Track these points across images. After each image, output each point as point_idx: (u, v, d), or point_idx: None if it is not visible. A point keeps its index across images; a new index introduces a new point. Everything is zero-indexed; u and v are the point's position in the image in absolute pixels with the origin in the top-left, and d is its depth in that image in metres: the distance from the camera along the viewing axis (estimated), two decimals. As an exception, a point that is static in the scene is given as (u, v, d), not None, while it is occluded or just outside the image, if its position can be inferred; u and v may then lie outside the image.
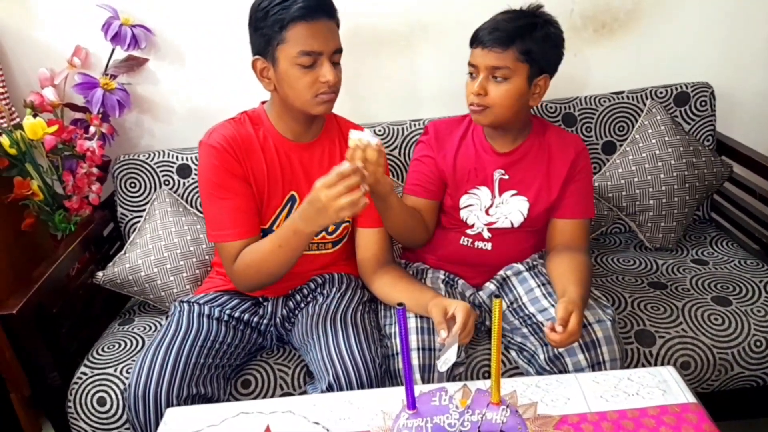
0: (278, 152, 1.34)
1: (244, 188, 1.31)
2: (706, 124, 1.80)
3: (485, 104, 1.28)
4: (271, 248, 1.23)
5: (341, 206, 1.08)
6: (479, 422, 0.86)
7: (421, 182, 1.42)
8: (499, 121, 1.31)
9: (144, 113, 1.87)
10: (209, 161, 1.29)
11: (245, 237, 1.29)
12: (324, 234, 1.38)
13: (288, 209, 1.36)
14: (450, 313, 1.15)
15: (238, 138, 1.31)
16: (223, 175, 1.29)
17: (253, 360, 1.40)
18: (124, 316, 1.66)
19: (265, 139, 1.33)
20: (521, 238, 1.43)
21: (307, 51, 1.20)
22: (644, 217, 1.72)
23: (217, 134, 1.31)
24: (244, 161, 1.30)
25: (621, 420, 0.95)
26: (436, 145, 1.42)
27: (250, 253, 1.27)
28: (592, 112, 1.78)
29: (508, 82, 1.26)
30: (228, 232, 1.29)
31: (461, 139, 1.42)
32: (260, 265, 1.26)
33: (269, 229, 1.36)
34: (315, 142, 1.37)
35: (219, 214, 1.30)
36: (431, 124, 1.46)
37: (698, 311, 1.43)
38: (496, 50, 1.24)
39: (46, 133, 1.59)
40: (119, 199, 1.75)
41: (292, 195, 1.36)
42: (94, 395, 1.37)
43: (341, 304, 1.35)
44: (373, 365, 1.21)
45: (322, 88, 1.23)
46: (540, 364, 1.24)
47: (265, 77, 1.28)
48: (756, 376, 1.40)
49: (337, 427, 0.94)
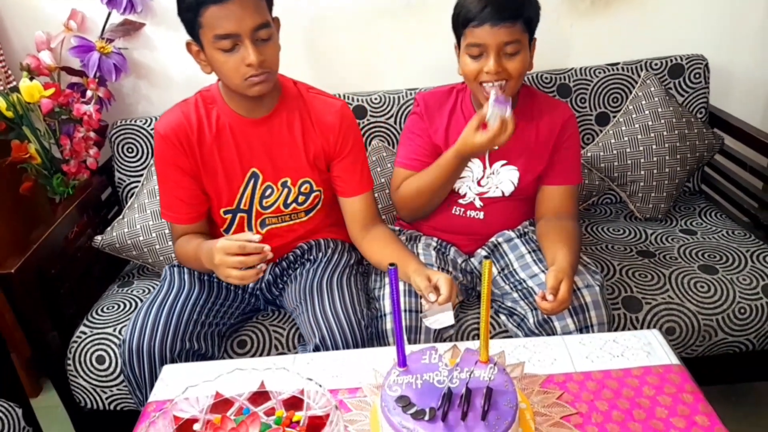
0: (233, 131, 1.30)
1: (185, 180, 1.31)
2: (699, 96, 1.81)
3: (503, 79, 1.26)
4: (194, 255, 1.29)
5: (228, 275, 1.14)
6: (467, 379, 0.89)
7: (418, 155, 1.42)
8: (513, 93, 1.30)
9: (141, 78, 1.87)
10: (156, 147, 1.32)
11: (183, 223, 1.36)
12: (294, 205, 1.39)
13: (252, 187, 1.35)
14: (433, 283, 1.17)
15: (186, 126, 1.28)
16: (164, 164, 1.31)
17: (248, 321, 1.43)
18: (123, 279, 1.69)
19: (218, 118, 1.30)
20: (513, 207, 1.45)
21: (221, 35, 1.14)
22: (635, 187, 1.74)
23: (165, 121, 1.29)
24: (190, 151, 1.29)
25: (605, 380, 0.98)
26: (427, 118, 1.43)
27: (183, 247, 1.35)
28: (587, 83, 1.78)
29: (519, 54, 1.25)
30: (169, 214, 1.36)
31: (451, 113, 1.42)
32: (186, 261, 1.37)
33: (236, 209, 1.37)
34: (271, 116, 1.31)
35: (165, 196, 1.35)
36: (420, 96, 1.46)
37: (685, 279, 1.46)
38: (507, 25, 1.22)
39: (43, 96, 1.59)
40: (117, 164, 1.76)
41: (253, 172, 1.34)
42: (93, 354, 1.40)
43: (328, 268, 1.38)
44: (359, 327, 1.23)
45: (249, 71, 1.16)
46: (529, 327, 1.27)
47: (201, 60, 1.23)
48: (739, 342, 1.44)
49: (329, 384, 0.97)
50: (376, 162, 1.73)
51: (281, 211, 1.38)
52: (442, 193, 1.40)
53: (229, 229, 1.39)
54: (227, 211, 1.37)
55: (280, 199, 1.37)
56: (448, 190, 1.41)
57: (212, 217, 1.40)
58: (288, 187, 1.36)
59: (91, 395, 1.42)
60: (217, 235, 1.41)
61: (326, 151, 1.35)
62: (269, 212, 1.38)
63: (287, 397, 0.95)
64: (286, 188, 1.36)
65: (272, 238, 1.40)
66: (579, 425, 0.89)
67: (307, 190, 1.37)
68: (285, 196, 1.37)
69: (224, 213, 1.37)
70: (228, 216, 1.38)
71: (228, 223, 1.39)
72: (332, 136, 1.33)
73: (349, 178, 1.37)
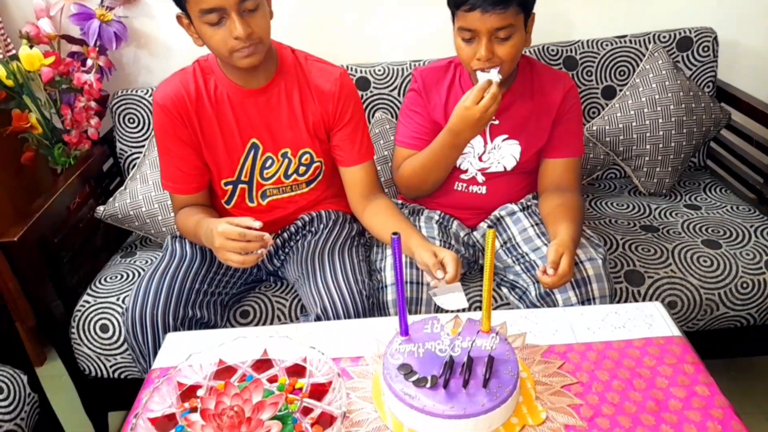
0: (231, 102, 1.28)
1: (185, 151, 1.30)
2: (707, 70, 1.79)
3: (495, 65, 1.23)
4: (193, 231, 1.28)
5: (228, 258, 1.14)
6: (469, 348, 0.89)
7: (418, 133, 1.41)
8: (507, 75, 1.28)
9: (141, 48, 1.85)
10: (155, 117, 1.30)
11: (183, 193, 1.35)
12: (295, 176, 1.38)
13: (252, 158, 1.34)
14: (439, 259, 1.16)
15: (184, 95, 1.26)
16: (163, 135, 1.30)
17: (251, 292, 1.44)
18: (126, 250, 1.69)
19: (216, 89, 1.28)
20: (515, 181, 1.44)
21: (206, 9, 1.12)
22: (640, 161, 1.73)
23: (164, 91, 1.27)
24: (189, 121, 1.28)
25: (606, 350, 0.98)
26: (425, 94, 1.40)
27: (184, 220, 1.33)
28: (594, 56, 1.76)
29: (512, 38, 1.22)
30: (169, 184, 1.35)
31: (449, 88, 1.39)
32: (186, 234, 1.36)
33: (237, 180, 1.36)
34: (269, 86, 1.29)
35: (165, 167, 1.34)
36: (417, 72, 1.42)
37: (688, 253, 1.46)
38: (498, 11, 1.17)
39: (43, 64, 1.58)
40: (118, 134, 1.75)
41: (253, 143, 1.32)
42: (97, 322, 1.41)
43: (330, 239, 1.38)
44: (360, 297, 1.24)
45: (237, 43, 1.14)
46: (531, 300, 1.27)
47: (191, 33, 1.22)
48: (740, 317, 1.44)
49: (332, 353, 0.98)
50: (379, 134, 1.72)
51: (282, 182, 1.37)
52: (442, 172, 1.39)
53: (230, 200, 1.39)
54: (228, 183, 1.36)
55: (281, 170, 1.36)
56: (449, 169, 1.39)
57: (213, 188, 1.39)
58: (288, 158, 1.35)
59: (95, 363, 1.43)
60: (217, 206, 1.41)
61: (325, 120, 1.33)
62: (270, 183, 1.37)
63: (290, 365, 0.96)
64: (287, 159, 1.35)
65: (273, 210, 1.40)
66: (580, 394, 0.89)
67: (307, 161, 1.36)
68: (285, 167, 1.36)
69: (225, 184, 1.37)
70: (229, 187, 1.37)
71: (229, 195, 1.38)
72: (331, 105, 1.31)
73: (349, 148, 1.36)
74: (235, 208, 1.40)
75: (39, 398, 1.32)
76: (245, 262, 1.14)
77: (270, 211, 1.40)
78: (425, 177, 1.39)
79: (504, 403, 0.83)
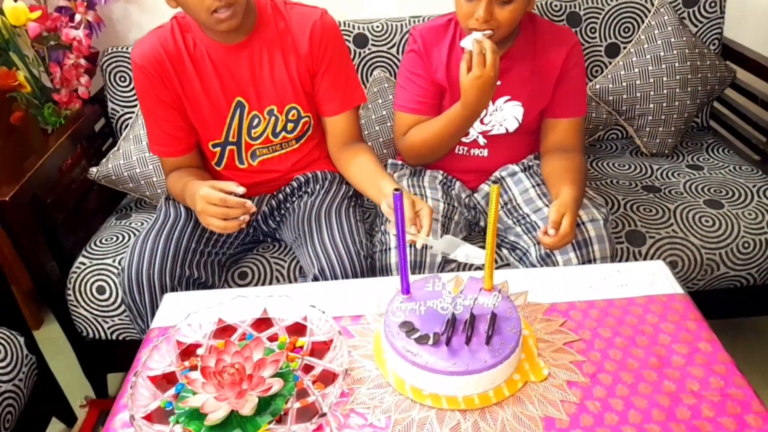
0: (212, 60, 1.24)
1: (168, 113, 1.27)
2: (713, 27, 1.75)
3: (492, 28, 1.19)
4: (181, 195, 1.27)
5: (209, 223, 1.14)
6: (471, 305, 0.88)
7: (421, 97, 1.35)
8: (502, 39, 1.24)
9: (131, 3, 1.79)
10: (134, 78, 1.26)
11: (172, 156, 1.33)
12: (284, 134, 1.34)
13: (238, 117, 1.30)
14: (417, 209, 1.10)
15: (163, 54, 1.22)
16: (145, 97, 1.27)
17: (249, 253, 1.42)
18: (121, 212, 1.67)
19: (195, 46, 1.23)
20: (517, 142, 1.41)
21: None
22: (643, 121, 1.70)
23: (140, 50, 1.23)
24: (169, 82, 1.24)
25: (609, 308, 0.97)
26: (426, 55, 1.35)
27: (173, 184, 1.31)
28: (598, 12, 1.71)
29: (514, 2, 1.16)
30: (157, 147, 1.33)
31: (450, 49, 1.34)
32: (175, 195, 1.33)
33: (225, 142, 1.33)
34: (249, 39, 1.24)
35: (151, 130, 1.32)
36: (416, 31, 1.36)
37: (690, 213, 1.45)
38: None
39: (29, 19, 1.53)
40: (109, 93, 1.71)
41: (238, 101, 1.28)
42: (94, 284, 1.39)
43: (326, 200, 1.35)
44: (358, 257, 1.22)
45: (215, 3, 1.10)
46: (531, 261, 1.26)
47: None
48: (741, 277, 1.44)
49: (332, 312, 0.97)
50: (378, 93, 1.68)
51: (270, 141, 1.34)
52: (451, 143, 1.36)
53: (219, 162, 1.36)
54: (216, 144, 1.33)
55: (269, 128, 1.32)
56: (457, 141, 1.36)
57: (203, 150, 1.36)
58: (275, 115, 1.31)
59: (93, 325, 1.43)
60: (209, 168, 1.38)
61: (308, 66, 1.28)
62: (258, 143, 1.34)
63: (290, 324, 0.95)
64: (273, 116, 1.31)
65: (265, 171, 1.37)
66: (582, 351, 0.89)
67: (294, 116, 1.33)
68: (273, 125, 1.32)
69: (213, 146, 1.33)
70: (217, 149, 1.34)
71: (218, 157, 1.35)
72: (312, 47, 1.26)
73: (331, 96, 1.31)
74: (226, 169, 1.37)
75: (37, 360, 1.32)
76: (227, 227, 1.13)
77: (262, 171, 1.37)
78: (436, 147, 1.36)
79: (507, 359, 0.82)
